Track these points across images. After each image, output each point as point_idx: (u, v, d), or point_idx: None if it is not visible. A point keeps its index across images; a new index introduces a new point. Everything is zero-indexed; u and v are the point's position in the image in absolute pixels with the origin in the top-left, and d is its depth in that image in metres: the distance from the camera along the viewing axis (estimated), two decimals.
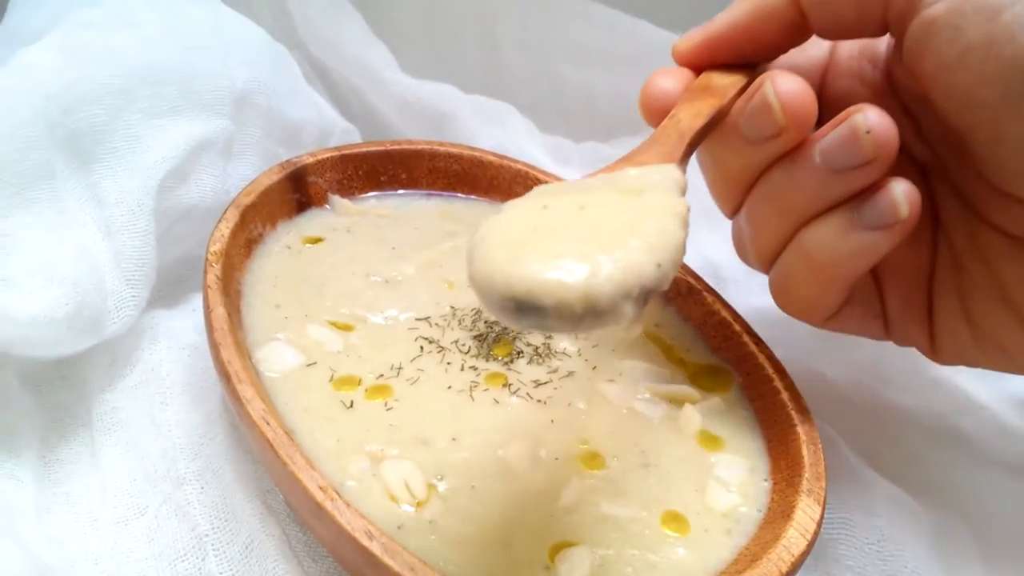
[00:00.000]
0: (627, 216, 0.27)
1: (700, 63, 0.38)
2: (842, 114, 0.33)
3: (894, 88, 0.37)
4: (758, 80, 0.34)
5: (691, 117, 0.34)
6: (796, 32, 0.36)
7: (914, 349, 0.48)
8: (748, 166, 0.36)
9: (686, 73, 0.38)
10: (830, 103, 0.38)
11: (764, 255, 0.38)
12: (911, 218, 0.33)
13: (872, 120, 0.32)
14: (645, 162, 0.32)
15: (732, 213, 0.39)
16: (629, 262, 0.25)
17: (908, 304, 0.37)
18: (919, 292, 0.37)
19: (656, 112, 0.37)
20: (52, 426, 0.39)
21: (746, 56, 0.37)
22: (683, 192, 0.30)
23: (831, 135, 0.33)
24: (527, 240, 0.26)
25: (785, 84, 0.33)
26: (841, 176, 0.33)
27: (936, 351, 0.37)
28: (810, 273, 0.35)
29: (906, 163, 0.37)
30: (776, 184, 0.35)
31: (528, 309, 0.24)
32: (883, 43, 0.37)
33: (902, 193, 0.33)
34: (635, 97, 0.65)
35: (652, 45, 0.63)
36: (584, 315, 0.24)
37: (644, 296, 0.26)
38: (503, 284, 0.25)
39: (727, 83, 0.36)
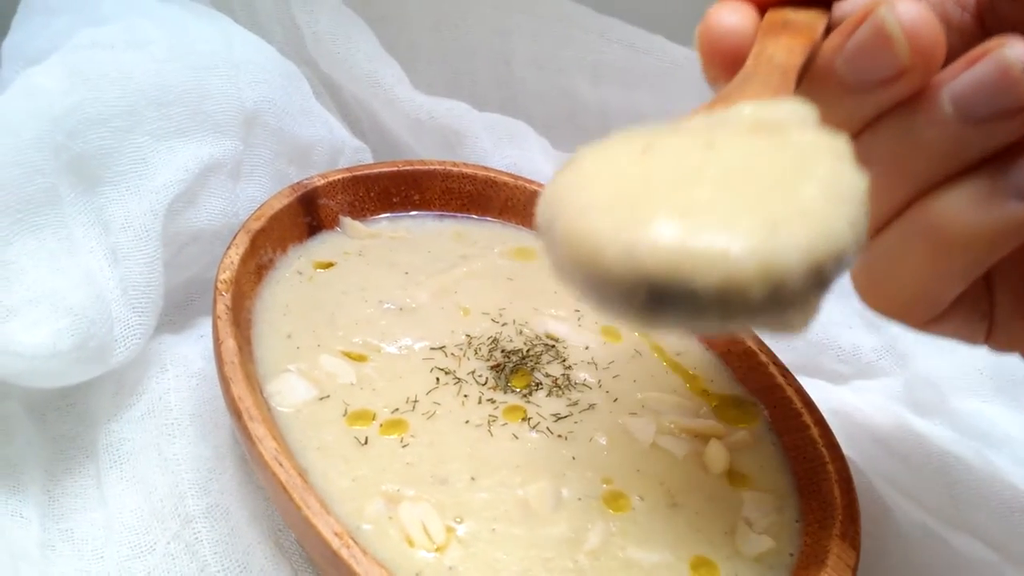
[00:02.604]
0: (779, 157, 0.19)
1: None
2: (977, 49, 0.25)
3: (988, 35, 0.27)
4: (866, 7, 0.25)
5: (785, 53, 0.25)
6: None
7: (942, 377, 0.47)
8: (846, 122, 0.27)
9: (749, 10, 0.29)
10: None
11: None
12: None
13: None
14: (755, 97, 0.23)
15: None
16: (815, 219, 0.18)
17: (1020, 307, 0.30)
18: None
19: (721, 54, 0.28)
20: (57, 458, 0.38)
21: None
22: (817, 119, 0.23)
23: (967, 75, 0.25)
24: (641, 195, 0.18)
25: (908, 9, 0.25)
26: (982, 128, 0.25)
27: None
28: (930, 258, 0.27)
29: None
30: (886, 143, 0.27)
31: (670, 298, 0.17)
32: None
33: None
34: (651, 114, 0.65)
35: (669, 61, 0.61)
36: (760, 303, 0.17)
37: (834, 272, 0.18)
38: (626, 262, 0.17)
39: (809, 19, 0.27)
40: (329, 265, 0.44)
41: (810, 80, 0.27)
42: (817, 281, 0.18)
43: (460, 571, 0.30)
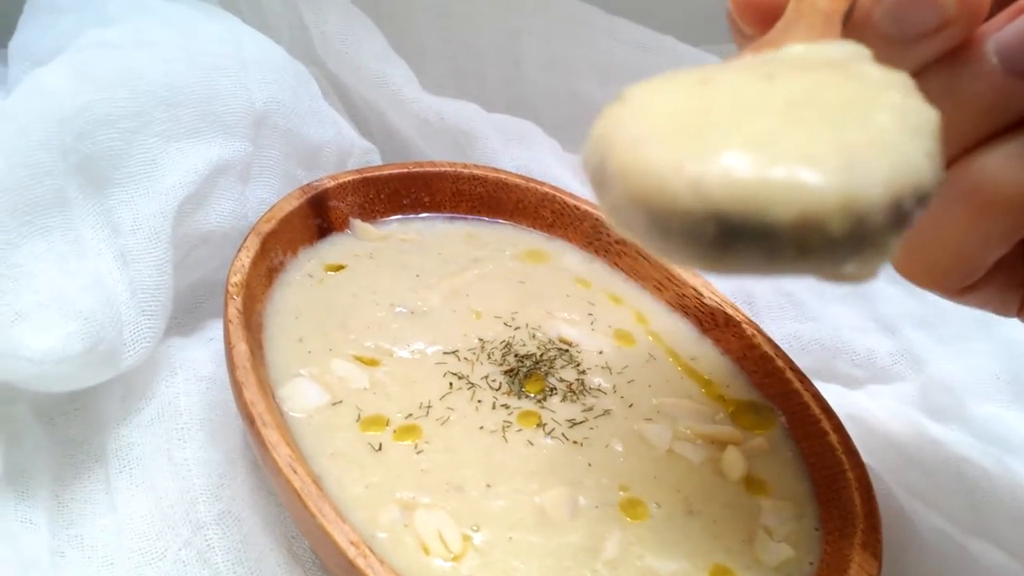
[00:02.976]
0: (845, 88, 0.18)
1: None
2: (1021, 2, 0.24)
3: None
4: None
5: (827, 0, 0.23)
6: None
7: (958, 382, 0.46)
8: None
9: None
10: None
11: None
12: None
13: None
14: (802, 40, 0.22)
15: None
16: (893, 149, 0.17)
17: None
18: None
19: (755, 5, 0.26)
20: (65, 462, 0.38)
21: None
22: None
23: (1013, 26, 0.24)
24: (704, 126, 0.17)
25: None
26: None
27: None
28: (970, 219, 0.26)
29: None
30: (928, 97, 0.24)
31: (743, 235, 0.16)
32: None
33: None
34: None
35: (679, 61, 0.61)
36: (841, 239, 0.16)
37: (914, 209, 0.17)
38: (694, 195, 0.15)
39: None
40: (340, 268, 0.43)
41: (847, 32, 0.25)
42: (897, 217, 0.16)
43: None
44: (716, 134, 0.16)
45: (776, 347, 0.41)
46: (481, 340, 0.40)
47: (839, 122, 0.17)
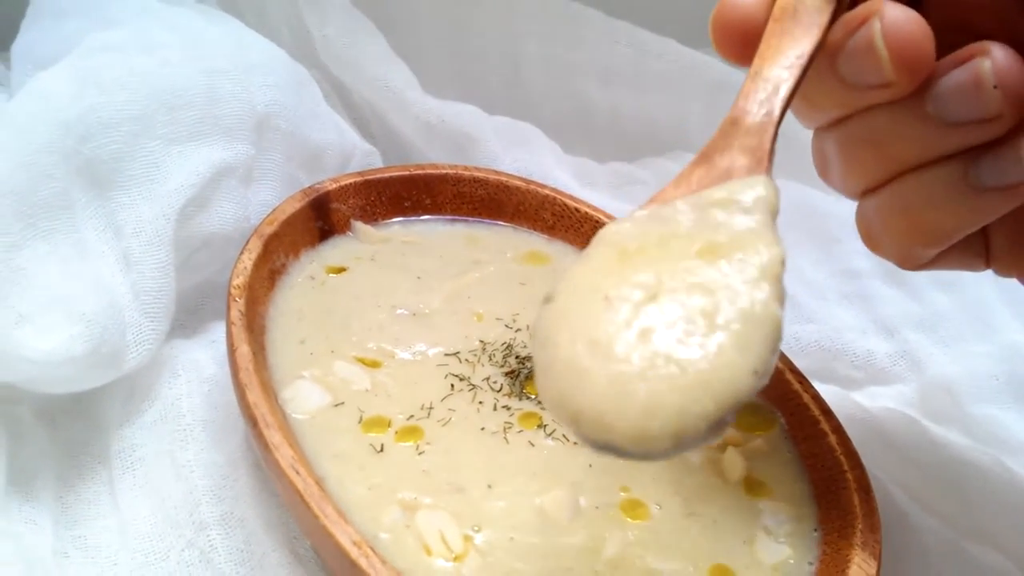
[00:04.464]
0: (708, 298, 0.23)
1: None
2: (963, 52, 0.26)
3: None
4: (864, 8, 0.27)
5: (778, 71, 0.27)
6: None
7: (957, 383, 0.47)
8: (843, 105, 0.29)
9: None
10: (938, 25, 0.29)
11: (852, 191, 0.32)
12: None
13: (1001, 66, 0.25)
14: (729, 170, 0.26)
15: (815, 128, 0.32)
16: (722, 382, 0.22)
17: (1019, 239, 0.31)
18: None
19: (734, 40, 0.29)
20: (69, 464, 0.38)
21: None
22: (775, 215, 0.26)
23: (947, 81, 0.26)
24: (591, 367, 0.23)
25: (896, 24, 0.26)
26: (957, 130, 0.27)
27: None
28: (908, 228, 0.30)
29: None
30: (876, 128, 0.29)
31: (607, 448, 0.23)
32: None
33: None
34: (661, 117, 0.64)
35: (679, 64, 0.61)
36: (673, 451, 0.22)
37: (734, 413, 0.22)
38: (575, 427, 0.23)
39: (820, 5, 0.28)
40: (341, 270, 0.44)
41: (818, 60, 0.28)
42: (718, 427, 0.22)
43: None
44: (597, 376, 0.23)
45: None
46: (482, 342, 0.41)
47: (692, 350, 0.22)
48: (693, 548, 0.33)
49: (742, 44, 0.29)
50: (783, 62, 0.27)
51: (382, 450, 0.34)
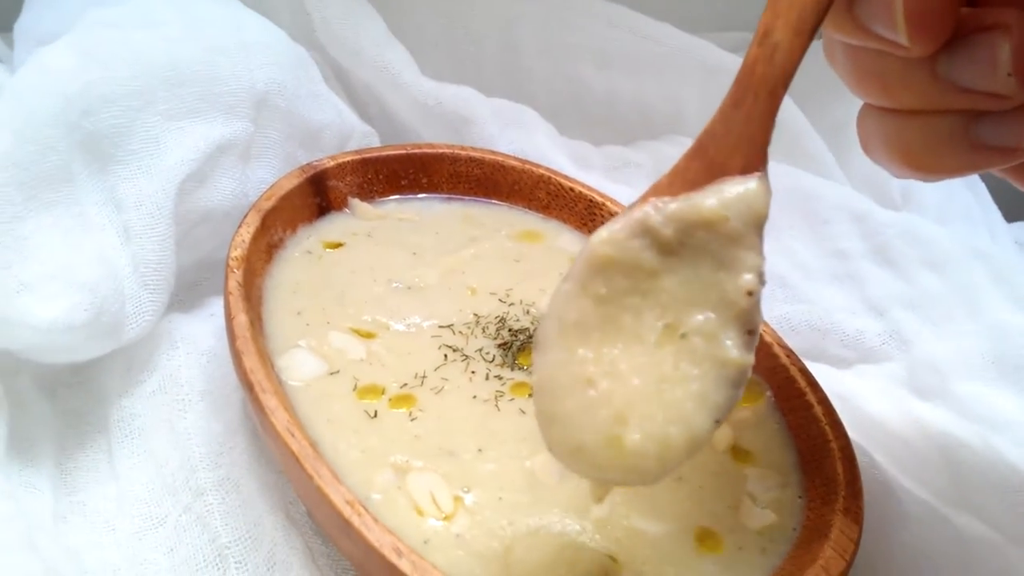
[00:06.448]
0: (672, 372, 0.26)
1: None
2: (985, 18, 0.26)
3: None
4: None
5: (788, 40, 0.26)
6: None
7: (945, 362, 0.47)
8: (853, 38, 0.28)
9: None
10: None
11: (852, 88, 0.30)
12: None
13: (1019, 52, 0.25)
14: (723, 169, 0.26)
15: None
16: (692, 435, 0.25)
17: None
18: None
19: None
20: (69, 432, 0.39)
21: None
22: (763, 224, 0.26)
23: (963, 50, 0.26)
24: (578, 419, 0.26)
25: None
26: (965, 94, 0.26)
27: None
28: (904, 159, 0.29)
29: None
30: (887, 71, 0.28)
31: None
32: None
33: None
34: (656, 101, 0.65)
35: (675, 48, 0.62)
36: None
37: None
38: (573, 467, 0.26)
39: None
40: (338, 245, 0.44)
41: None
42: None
43: (467, 538, 0.31)
44: (585, 428, 0.26)
45: (764, 323, 0.42)
46: (476, 315, 0.41)
47: (661, 399, 0.25)
48: (679, 511, 0.33)
49: None
50: (793, 25, 0.26)
51: (376, 416, 0.35)
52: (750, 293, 0.25)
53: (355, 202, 0.47)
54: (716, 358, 0.25)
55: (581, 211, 0.49)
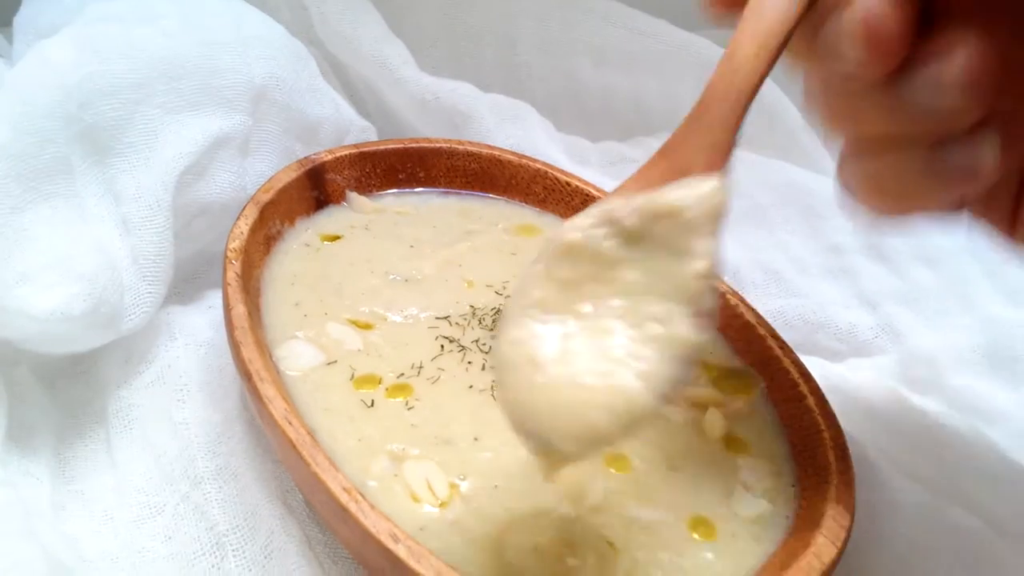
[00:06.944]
0: (626, 340, 0.27)
1: None
2: (941, 41, 0.27)
3: None
4: None
5: (753, 55, 0.28)
6: None
7: (937, 355, 0.48)
8: (820, 64, 0.29)
9: None
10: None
11: (832, 134, 0.32)
12: (994, 174, 0.28)
13: (971, 65, 0.26)
14: (685, 168, 0.28)
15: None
16: (636, 408, 0.26)
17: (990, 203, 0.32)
18: (1005, 196, 0.32)
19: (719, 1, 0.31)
20: (67, 423, 0.39)
21: None
22: (721, 218, 0.27)
23: (920, 70, 0.27)
24: (527, 395, 0.27)
25: (869, 6, 0.26)
26: (925, 116, 0.28)
27: (1018, 235, 0.32)
28: (875, 194, 0.31)
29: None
30: (852, 96, 0.29)
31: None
32: None
33: (990, 148, 0.28)
34: (653, 98, 0.65)
35: (671, 45, 0.62)
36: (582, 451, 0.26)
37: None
38: (525, 442, 0.27)
39: None
40: (336, 238, 0.44)
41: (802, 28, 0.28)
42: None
43: (463, 525, 0.31)
44: (539, 389, 0.27)
45: (759, 316, 0.42)
46: (472, 307, 0.42)
47: (609, 375, 0.26)
48: (673, 499, 0.34)
49: (728, 4, 0.30)
50: (759, 42, 0.28)
51: (372, 405, 0.35)
52: (701, 277, 0.27)
53: (353, 195, 0.47)
54: (665, 337, 0.26)
55: (577, 205, 0.49)
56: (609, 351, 0.26)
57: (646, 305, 0.27)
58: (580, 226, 0.28)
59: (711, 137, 0.28)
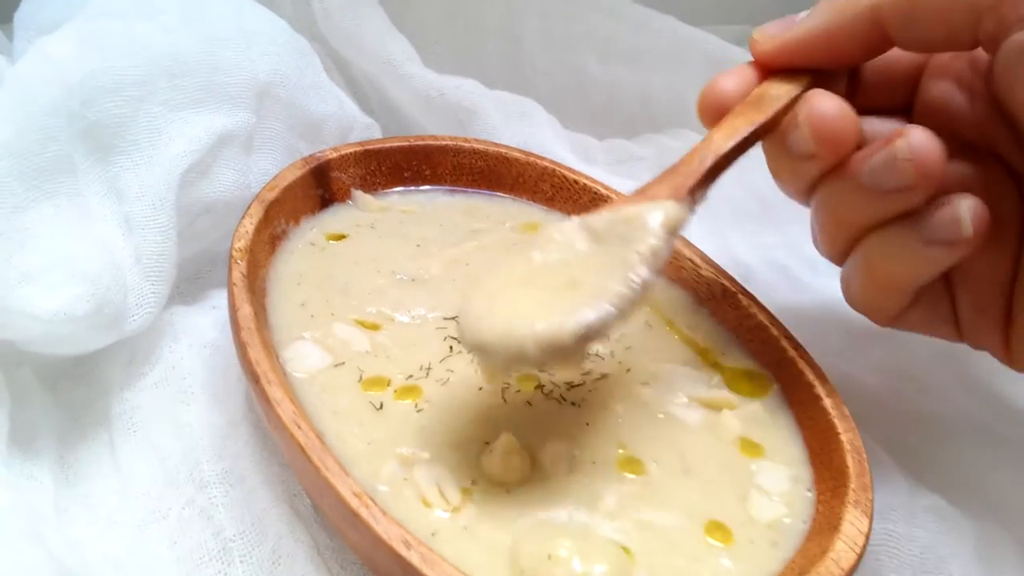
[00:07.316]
0: (586, 269, 0.33)
1: (773, 65, 0.37)
2: (892, 134, 0.32)
3: (994, 94, 0.34)
4: (803, 97, 0.35)
5: (723, 138, 0.35)
6: (876, 46, 0.35)
7: (949, 354, 0.47)
8: (800, 176, 0.36)
9: (749, 76, 0.37)
10: (926, 106, 0.37)
11: (831, 254, 0.38)
12: (976, 236, 0.32)
13: (915, 145, 0.31)
14: (653, 196, 0.34)
15: (802, 202, 0.38)
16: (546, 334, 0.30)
17: (983, 309, 0.36)
18: (997, 298, 0.35)
19: (712, 115, 0.37)
20: (70, 425, 0.38)
21: (821, 64, 0.36)
22: (674, 230, 0.33)
23: (875, 157, 0.32)
24: (480, 318, 0.32)
25: (818, 107, 0.33)
26: (888, 196, 0.33)
27: (1013, 358, 0.36)
28: (870, 280, 0.35)
29: (1000, 170, 0.35)
30: (828, 197, 0.35)
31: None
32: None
33: (967, 210, 0.32)
34: (659, 93, 0.65)
35: (678, 41, 0.62)
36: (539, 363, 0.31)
37: (592, 338, 0.30)
38: (466, 335, 0.31)
39: (781, 93, 0.36)
40: (341, 237, 0.44)
41: (775, 138, 0.36)
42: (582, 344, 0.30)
43: (475, 531, 0.30)
44: (504, 305, 0.32)
45: (771, 316, 0.41)
46: None
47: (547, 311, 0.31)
48: (689, 504, 0.33)
49: (719, 117, 0.36)
50: (729, 132, 0.35)
51: (381, 408, 0.35)
52: (639, 253, 0.32)
53: (358, 194, 0.46)
54: (599, 288, 0.31)
55: (585, 204, 0.49)
56: (551, 300, 0.31)
57: (594, 273, 0.32)
58: (563, 228, 0.34)
59: (677, 180, 0.34)
